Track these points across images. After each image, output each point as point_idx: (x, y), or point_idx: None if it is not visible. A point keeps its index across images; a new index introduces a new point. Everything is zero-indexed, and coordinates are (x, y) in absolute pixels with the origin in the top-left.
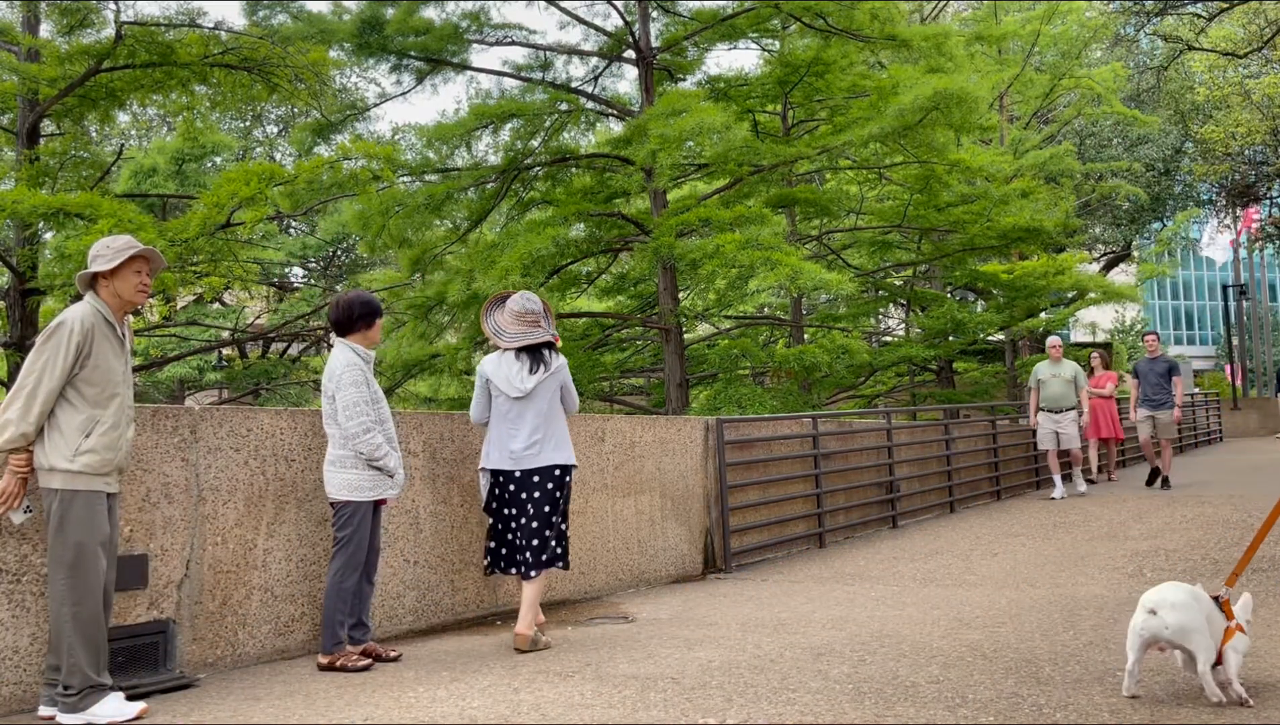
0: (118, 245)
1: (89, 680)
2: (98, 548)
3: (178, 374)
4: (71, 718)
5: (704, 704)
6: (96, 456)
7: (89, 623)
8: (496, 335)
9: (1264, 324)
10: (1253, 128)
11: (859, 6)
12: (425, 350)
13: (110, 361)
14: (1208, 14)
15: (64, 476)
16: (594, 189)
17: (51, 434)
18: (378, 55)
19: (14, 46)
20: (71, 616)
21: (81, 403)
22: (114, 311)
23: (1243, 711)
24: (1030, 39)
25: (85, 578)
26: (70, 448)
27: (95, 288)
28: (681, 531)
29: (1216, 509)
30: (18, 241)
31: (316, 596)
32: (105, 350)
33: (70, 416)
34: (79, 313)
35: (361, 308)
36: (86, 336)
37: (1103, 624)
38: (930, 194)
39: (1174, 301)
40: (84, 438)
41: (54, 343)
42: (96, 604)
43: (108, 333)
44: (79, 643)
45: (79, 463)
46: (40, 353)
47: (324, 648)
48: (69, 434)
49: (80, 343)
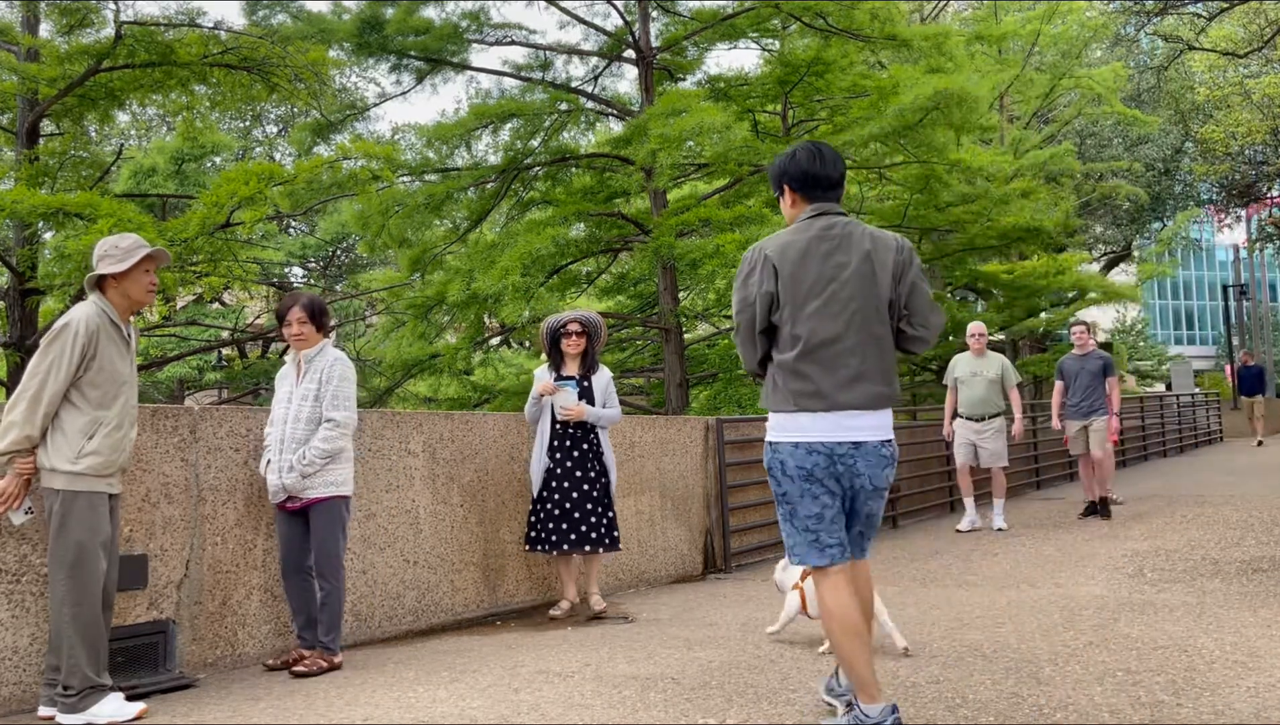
0: (126, 245)
1: (89, 680)
2: (98, 548)
3: (177, 374)
4: (71, 718)
5: (704, 704)
6: (100, 458)
7: (89, 623)
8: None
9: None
10: (1253, 128)
11: (859, 6)
12: (425, 350)
13: (115, 363)
14: (1208, 14)
15: (66, 478)
16: (594, 189)
17: (54, 435)
18: (377, 55)
19: (14, 46)
20: (71, 617)
21: (85, 404)
22: (120, 312)
23: (1244, 710)
24: (1030, 39)
25: (85, 578)
26: (73, 449)
27: (102, 288)
28: (681, 532)
29: (1216, 509)
30: (17, 241)
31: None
32: (110, 352)
33: (74, 418)
34: (84, 314)
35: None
36: (91, 338)
37: (1103, 624)
38: (930, 194)
39: (1174, 301)
40: (87, 440)
41: (59, 344)
42: (96, 604)
43: (113, 334)
44: (79, 643)
45: (82, 464)
46: (45, 354)
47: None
48: (72, 436)
49: (85, 345)
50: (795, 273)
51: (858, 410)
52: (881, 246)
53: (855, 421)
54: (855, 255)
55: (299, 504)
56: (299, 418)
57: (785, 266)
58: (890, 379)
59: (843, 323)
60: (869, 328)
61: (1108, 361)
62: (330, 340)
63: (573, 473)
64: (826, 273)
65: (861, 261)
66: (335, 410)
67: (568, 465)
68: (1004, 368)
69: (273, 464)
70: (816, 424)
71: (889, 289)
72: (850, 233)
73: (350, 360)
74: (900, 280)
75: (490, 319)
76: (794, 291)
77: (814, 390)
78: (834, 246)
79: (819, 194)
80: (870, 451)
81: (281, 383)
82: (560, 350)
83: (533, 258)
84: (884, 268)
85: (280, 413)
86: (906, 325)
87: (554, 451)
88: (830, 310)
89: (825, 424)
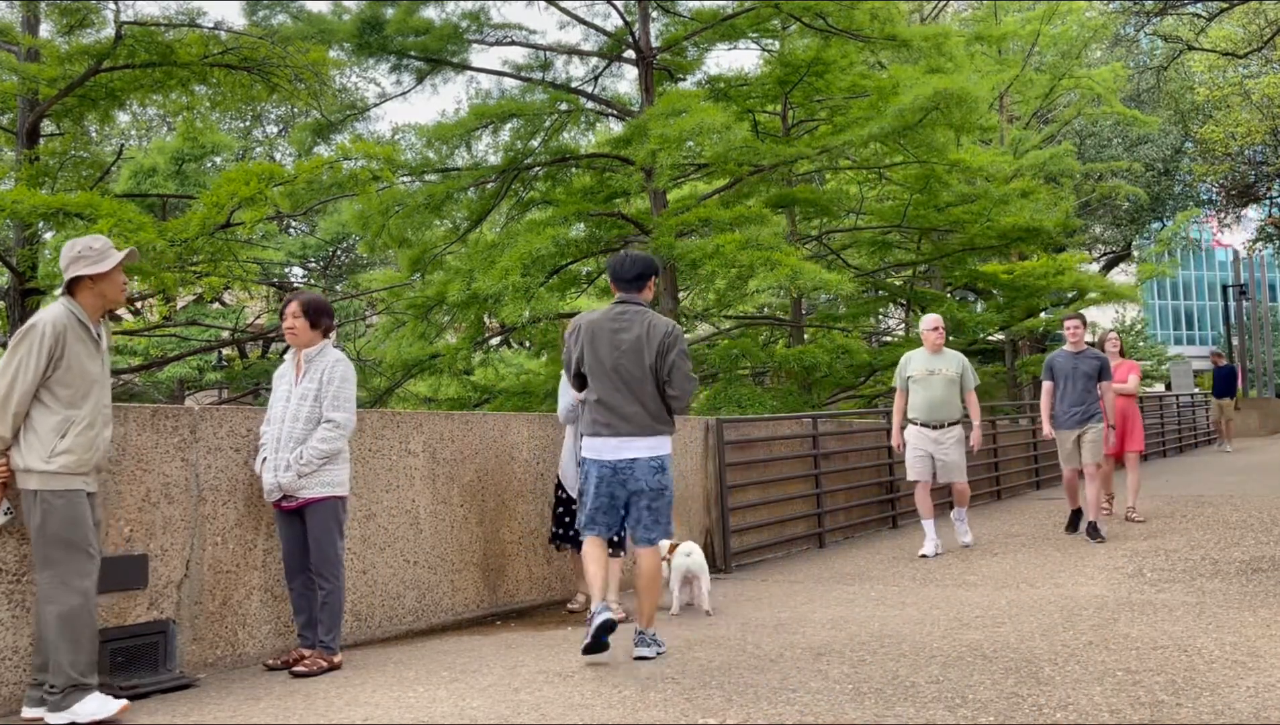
0: (100, 246)
1: (71, 679)
2: (81, 546)
3: (178, 374)
4: (55, 717)
5: (704, 704)
6: (73, 457)
7: (72, 622)
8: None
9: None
10: (1253, 128)
11: (859, 6)
12: (425, 350)
13: (84, 362)
14: (1208, 14)
15: (41, 477)
16: (594, 189)
17: (27, 436)
18: (378, 55)
19: (14, 46)
20: (55, 615)
21: (56, 404)
22: (91, 313)
23: (1244, 710)
24: (1030, 39)
25: (67, 577)
26: (46, 449)
27: (74, 290)
28: (681, 532)
29: (1216, 509)
30: (18, 241)
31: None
32: (79, 352)
33: (46, 418)
34: (50, 316)
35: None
36: (58, 339)
37: (1103, 624)
38: (930, 194)
39: (1174, 301)
40: (60, 439)
41: (26, 345)
42: (79, 603)
43: (82, 334)
44: (62, 642)
45: (55, 463)
46: (12, 356)
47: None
48: (45, 435)
49: (53, 345)
50: (594, 341)
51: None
52: (653, 330)
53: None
54: (635, 333)
55: (295, 504)
56: (297, 417)
57: (588, 336)
58: (654, 418)
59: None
60: (637, 385)
61: (1104, 362)
62: (330, 340)
63: None
64: (614, 342)
65: (635, 339)
66: (335, 411)
67: None
68: (964, 367)
69: (269, 462)
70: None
71: (653, 359)
72: (635, 319)
73: (350, 361)
74: (663, 356)
75: (490, 319)
76: (593, 355)
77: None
78: (622, 326)
79: (622, 286)
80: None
81: (280, 381)
82: None
83: (533, 258)
84: (650, 346)
85: (278, 411)
86: (667, 387)
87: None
88: (612, 372)
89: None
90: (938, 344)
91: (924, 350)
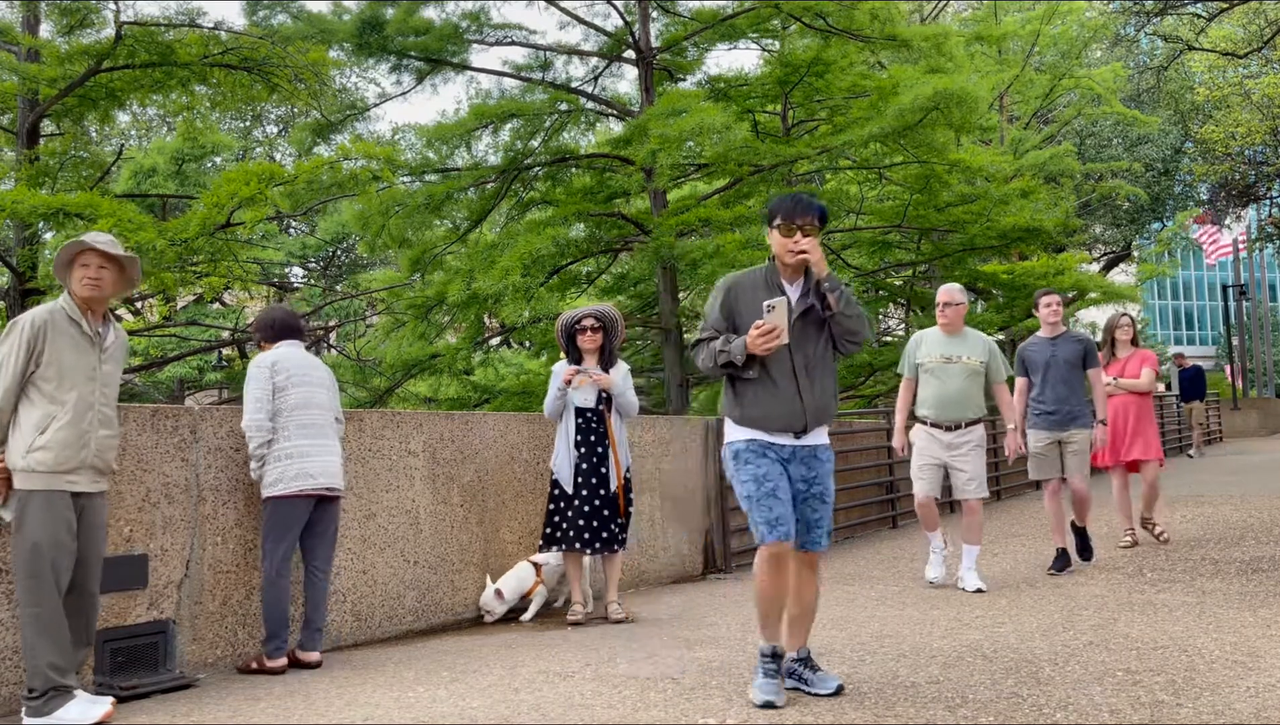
0: (68, 243)
1: (51, 682)
2: (57, 548)
3: (178, 374)
4: (36, 721)
5: (704, 704)
6: (50, 453)
7: (50, 624)
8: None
9: (1264, 324)
10: (1253, 128)
11: (859, 6)
12: (425, 350)
13: (68, 357)
14: (1208, 14)
15: (21, 475)
16: (594, 189)
17: (14, 432)
18: (378, 55)
19: (14, 46)
20: (33, 618)
21: (40, 399)
22: (82, 309)
23: (1244, 710)
24: (1030, 39)
25: (44, 579)
26: (24, 445)
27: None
28: (681, 532)
29: (1216, 509)
30: (18, 241)
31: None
32: (63, 346)
33: (29, 414)
34: (32, 312)
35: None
36: (38, 334)
37: (1103, 624)
38: (930, 194)
39: (1174, 301)
40: (39, 434)
41: (8, 345)
42: (57, 605)
43: (69, 329)
44: (41, 645)
45: (31, 460)
46: None
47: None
48: (25, 431)
49: (31, 340)
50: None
51: None
52: None
53: None
54: None
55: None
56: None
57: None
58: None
59: None
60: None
61: (1089, 345)
62: (269, 349)
63: (597, 468)
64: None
65: None
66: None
67: (593, 461)
68: (991, 352)
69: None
70: None
71: None
72: None
73: (262, 365)
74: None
75: (490, 319)
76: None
77: None
78: None
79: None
80: None
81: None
82: (577, 347)
83: (533, 258)
84: None
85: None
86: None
87: (578, 446)
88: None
89: None
90: (955, 323)
91: (938, 330)
